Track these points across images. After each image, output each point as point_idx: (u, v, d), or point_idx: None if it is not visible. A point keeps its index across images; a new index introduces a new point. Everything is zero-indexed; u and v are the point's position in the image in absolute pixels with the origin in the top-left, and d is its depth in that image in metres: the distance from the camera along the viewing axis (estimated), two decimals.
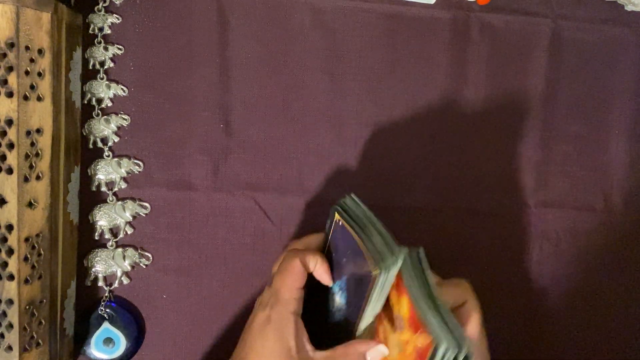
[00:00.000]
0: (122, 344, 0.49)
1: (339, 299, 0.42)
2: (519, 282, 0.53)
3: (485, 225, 0.53)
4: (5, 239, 0.40)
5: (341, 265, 0.42)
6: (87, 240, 0.50)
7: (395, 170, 0.52)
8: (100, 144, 0.50)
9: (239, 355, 0.41)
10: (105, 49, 0.50)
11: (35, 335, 0.42)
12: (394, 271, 0.38)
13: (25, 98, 0.40)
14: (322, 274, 0.42)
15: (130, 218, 0.50)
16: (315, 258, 0.41)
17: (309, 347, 0.40)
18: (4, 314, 0.40)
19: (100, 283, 0.50)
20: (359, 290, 0.39)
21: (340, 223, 0.41)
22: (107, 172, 0.50)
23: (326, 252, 0.44)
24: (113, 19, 0.50)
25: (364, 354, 0.40)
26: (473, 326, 0.41)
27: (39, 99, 0.41)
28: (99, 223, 0.50)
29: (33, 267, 0.41)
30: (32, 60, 0.40)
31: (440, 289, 0.40)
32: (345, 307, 0.42)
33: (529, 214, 0.54)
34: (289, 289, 0.40)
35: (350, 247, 0.40)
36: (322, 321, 0.43)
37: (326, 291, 0.43)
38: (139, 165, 0.50)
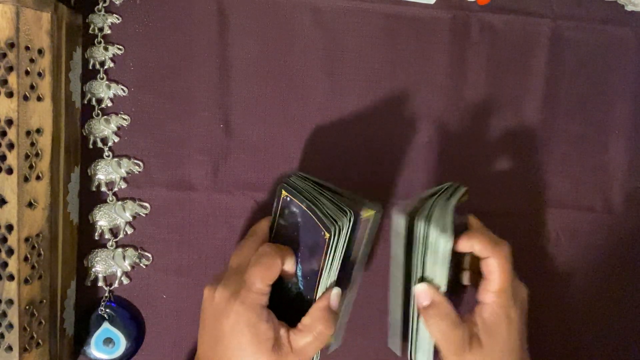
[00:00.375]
0: (122, 344, 0.49)
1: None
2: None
3: (485, 226, 0.53)
4: (5, 239, 0.40)
5: (293, 241, 0.43)
6: (87, 240, 0.50)
7: (395, 170, 0.52)
8: (100, 144, 0.50)
9: (215, 355, 0.40)
10: (105, 49, 0.50)
11: (35, 336, 0.42)
12: (344, 231, 0.40)
13: (25, 98, 0.40)
14: (290, 268, 0.43)
15: (130, 218, 0.50)
16: (292, 257, 0.42)
17: (283, 331, 0.40)
18: (4, 314, 0.40)
19: (100, 283, 0.50)
20: (314, 259, 0.41)
21: (288, 199, 0.43)
22: (107, 172, 0.50)
23: (274, 231, 0.45)
24: (113, 19, 0.50)
25: (327, 306, 0.41)
26: (494, 280, 0.42)
27: (39, 99, 0.41)
28: (99, 223, 0.50)
29: (33, 267, 0.41)
30: (32, 60, 0.40)
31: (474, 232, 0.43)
32: (302, 281, 0.43)
33: (530, 214, 0.54)
34: (264, 284, 0.40)
35: (302, 220, 0.42)
36: (280, 302, 0.43)
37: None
38: (139, 165, 0.50)
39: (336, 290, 0.42)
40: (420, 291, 0.42)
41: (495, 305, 0.42)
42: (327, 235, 0.39)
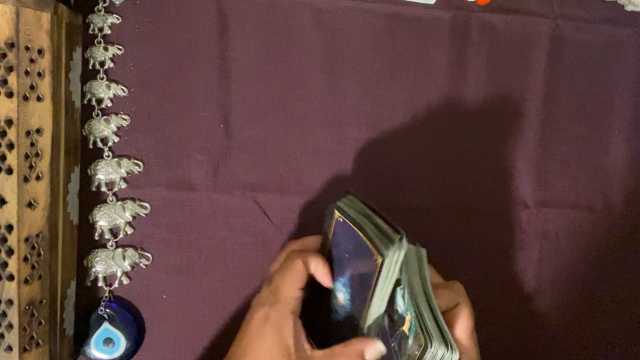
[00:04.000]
0: (122, 344, 0.49)
1: (342, 297, 0.42)
2: (518, 282, 0.53)
3: (485, 225, 0.53)
4: (5, 239, 0.40)
5: (344, 263, 0.42)
6: (87, 240, 0.50)
7: (395, 170, 0.52)
8: (100, 144, 0.50)
9: (236, 353, 0.41)
10: (105, 49, 0.50)
11: (35, 336, 0.42)
12: (397, 255, 0.37)
13: (25, 98, 0.40)
14: (322, 275, 0.42)
15: (130, 218, 0.50)
16: (316, 259, 0.41)
17: (307, 346, 0.40)
18: (4, 314, 0.40)
19: (100, 283, 0.50)
20: (364, 283, 0.39)
21: (341, 220, 0.42)
22: (107, 172, 0.50)
23: (327, 253, 0.44)
24: (113, 19, 0.50)
25: (362, 352, 0.39)
26: (461, 330, 0.41)
27: (39, 99, 0.41)
28: (99, 223, 0.50)
29: (33, 267, 0.41)
30: (32, 61, 0.40)
31: (435, 290, 0.40)
32: (350, 304, 0.42)
33: (529, 214, 0.54)
34: (289, 287, 0.40)
35: (353, 243, 0.40)
36: (326, 321, 0.43)
37: (328, 291, 0.43)
38: (139, 165, 0.50)
39: (380, 346, 0.39)
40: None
41: (471, 351, 0.41)
42: (380, 259, 0.37)
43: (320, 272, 0.42)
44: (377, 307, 0.39)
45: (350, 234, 0.40)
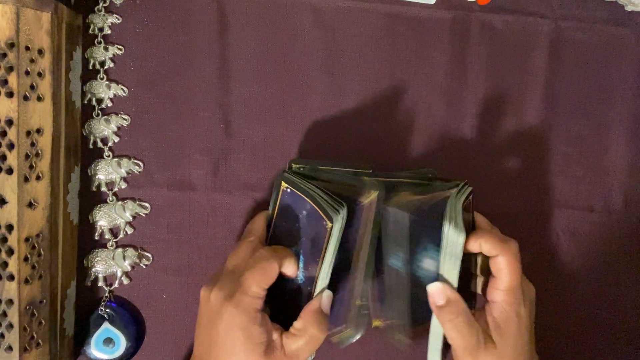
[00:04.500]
0: (122, 344, 0.49)
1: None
2: None
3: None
4: (5, 239, 0.40)
5: (293, 235, 0.43)
6: (87, 240, 0.50)
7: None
8: (100, 144, 0.50)
9: (209, 357, 0.40)
10: (105, 49, 0.50)
11: (35, 336, 0.42)
12: (339, 222, 0.41)
13: (25, 98, 0.40)
14: (292, 272, 0.42)
15: (130, 218, 0.50)
16: (290, 260, 0.42)
17: (275, 336, 0.40)
18: (4, 314, 0.40)
19: (100, 283, 0.50)
20: (315, 249, 0.41)
21: (289, 190, 0.43)
22: (107, 172, 0.50)
23: (273, 226, 0.45)
24: (113, 19, 0.50)
25: (319, 309, 0.41)
26: (500, 282, 0.41)
27: (39, 99, 0.41)
28: (99, 223, 0.50)
29: (33, 267, 0.41)
30: (32, 61, 0.40)
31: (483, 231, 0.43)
32: (302, 271, 0.43)
33: (529, 214, 0.54)
34: (258, 288, 0.40)
35: (305, 211, 0.42)
36: (281, 297, 0.43)
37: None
38: (139, 165, 0.50)
39: (327, 293, 0.42)
40: (434, 290, 0.41)
41: (504, 303, 0.41)
42: (330, 225, 0.40)
43: (291, 270, 0.42)
44: (326, 270, 0.42)
45: (300, 203, 0.42)
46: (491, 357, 0.40)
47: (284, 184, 0.43)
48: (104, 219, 0.50)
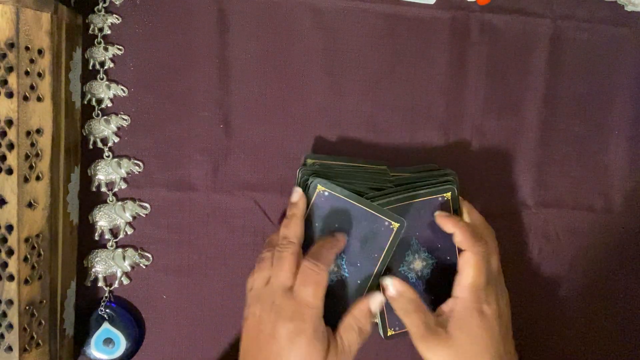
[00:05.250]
0: (122, 344, 0.49)
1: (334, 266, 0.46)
2: (518, 282, 0.53)
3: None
4: (5, 240, 0.40)
5: (332, 232, 0.45)
6: (87, 241, 0.50)
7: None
8: (100, 145, 0.50)
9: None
10: (105, 49, 0.50)
11: (35, 336, 0.42)
12: (403, 224, 0.45)
13: (25, 98, 0.40)
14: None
15: (130, 218, 0.50)
16: (330, 263, 0.43)
17: (332, 340, 0.41)
18: (4, 314, 0.40)
19: (100, 283, 0.50)
20: (370, 246, 0.45)
21: (326, 193, 0.45)
22: (107, 172, 0.50)
23: (310, 225, 0.46)
24: (113, 19, 0.50)
25: (368, 308, 0.43)
26: (464, 276, 0.43)
27: (39, 99, 0.41)
28: (99, 223, 0.50)
29: (33, 267, 0.41)
30: (32, 61, 0.40)
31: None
32: (345, 268, 0.45)
33: (529, 214, 0.54)
34: (319, 298, 0.41)
35: (347, 212, 0.45)
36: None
37: None
38: (139, 165, 0.50)
39: (379, 296, 0.43)
40: (386, 283, 0.44)
41: (466, 300, 0.43)
42: (397, 225, 0.44)
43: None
44: (384, 263, 0.45)
45: (342, 206, 0.45)
46: (443, 346, 0.42)
47: (320, 187, 0.45)
48: (103, 219, 0.50)
